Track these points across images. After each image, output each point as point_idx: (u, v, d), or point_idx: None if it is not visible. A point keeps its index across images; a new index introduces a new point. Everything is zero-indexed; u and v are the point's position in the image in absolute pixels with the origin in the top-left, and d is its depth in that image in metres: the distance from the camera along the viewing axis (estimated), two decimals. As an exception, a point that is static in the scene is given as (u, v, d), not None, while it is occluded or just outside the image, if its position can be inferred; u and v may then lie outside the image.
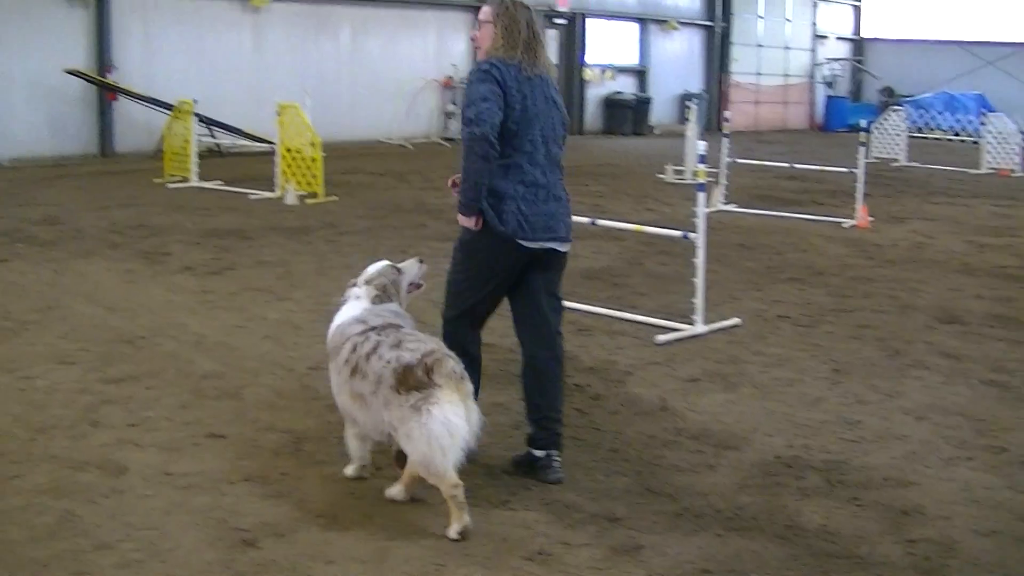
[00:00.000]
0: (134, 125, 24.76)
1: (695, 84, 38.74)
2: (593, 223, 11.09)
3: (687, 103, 29.52)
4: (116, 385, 8.02)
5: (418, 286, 6.77)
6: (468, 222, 6.30)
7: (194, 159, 20.02)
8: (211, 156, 23.53)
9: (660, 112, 36.97)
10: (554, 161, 6.38)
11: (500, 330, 9.46)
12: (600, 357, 8.93)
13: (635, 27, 37.19)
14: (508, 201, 6.21)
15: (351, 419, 6.15)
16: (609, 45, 36.16)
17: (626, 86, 36.39)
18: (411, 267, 6.72)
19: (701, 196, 9.87)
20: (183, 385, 8.03)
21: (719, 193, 17.97)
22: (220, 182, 19.70)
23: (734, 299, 11.23)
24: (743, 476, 6.57)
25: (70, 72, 23.51)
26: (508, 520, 5.85)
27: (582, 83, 34.87)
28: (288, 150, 18.38)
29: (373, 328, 6.01)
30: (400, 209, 17.03)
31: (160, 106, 23.51)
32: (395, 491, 6.01)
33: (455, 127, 30.29)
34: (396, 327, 6.05)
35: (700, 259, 9.79)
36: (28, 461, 6.51)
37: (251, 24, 26.87)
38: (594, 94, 35.47)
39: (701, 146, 10.08)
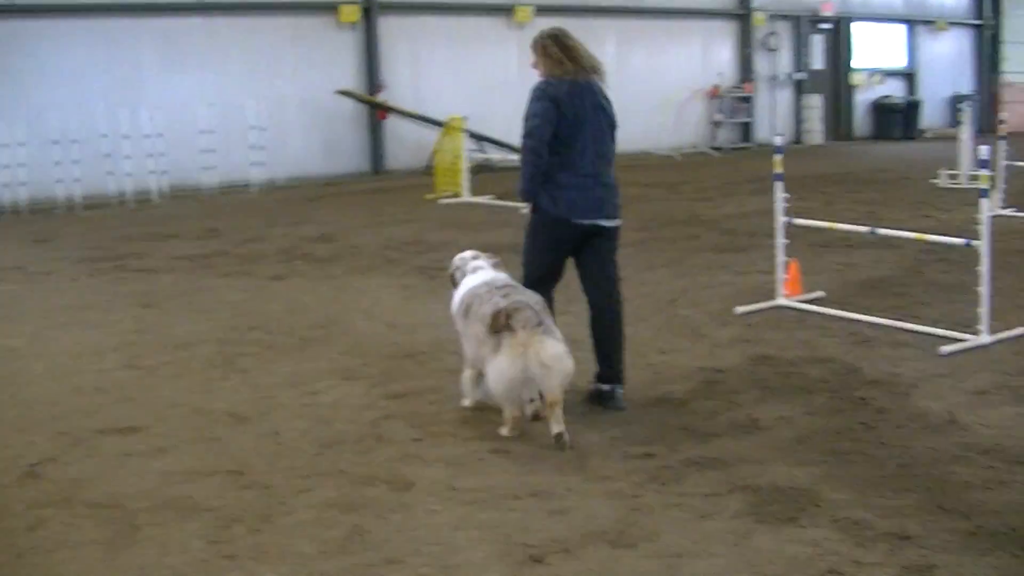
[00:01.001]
0: (404, 143, 25.18)
1: (965, 85, 37.24)
2: (872, 232, 10.65)
3: (958, 105, 28.41)
4: (399, 400, 7.96)
5: None
6: (534, 208, 7.75)
7: (465, 175, 20.13)
8: (482, 171, 23.69)
9: (930, 115, 35.69)
10: (603, 156, 7.70)
11: (780, 342, 9.17)
12: (883, 369, 8.46)
13: (902, 29, 36.02)
14: (565, 190, 7.59)
15: (471, 361, 7.45)
16: (876, 48, 35.13)
17: (895, 89, 35.27)
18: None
19: (984, 202, 9.28)
20: (459, 398, 7.89)
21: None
22: (491, 197, 19.76)
23: (1020, 308, 10.54)
24: (1042, 494, 6.09)
25: (341, 93, 24.02)
26: (796, 537, 5.53)
27: (850, 88, 33.99)
28: (558, 163, 18.24)
29: (495, 288, 7.30)
30: (673, 220, 16.74)
31: (430, 123, 23.82)
32: (504, 430, 7.16)
33: (723, 136, 30.01)
34: (512, 287, 7.36)
35: (984, 267, 9.19)
36: (316, 475, 6.50)
37: (516, 39, 26.92)
38: (862, 99, 34.52)
39: (984, 150, 9.47)
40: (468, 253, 7.99)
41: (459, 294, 7.61)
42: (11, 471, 6.67)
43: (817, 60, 33.45)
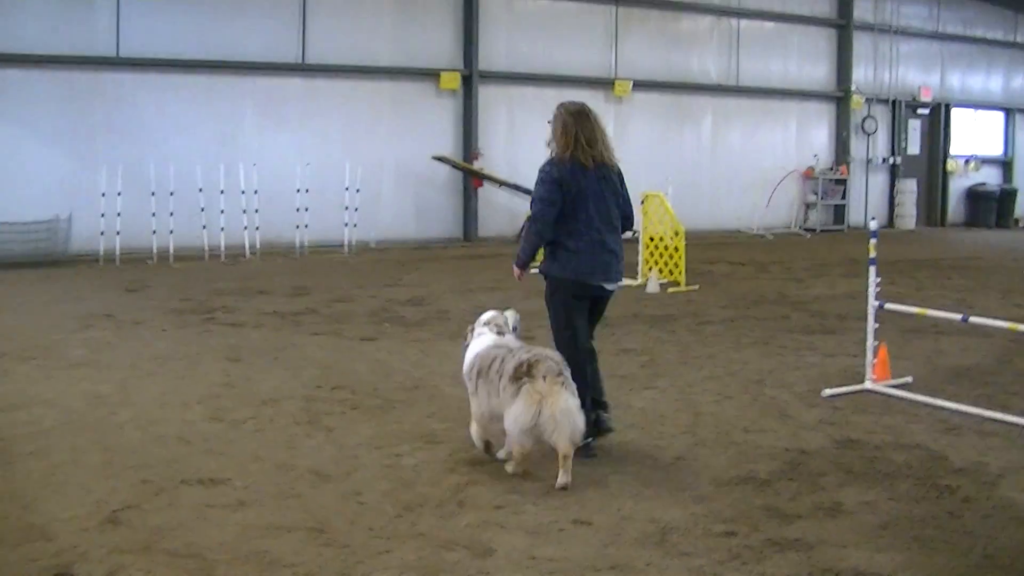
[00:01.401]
0: (497, 210, 25.36)
1: (1063, 175, 36.76)
2: (965, 320, 10.47)
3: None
4: (482, 466, 7.93)
5: (515, 329, 8.58)
6: (517, 272, 8.84)
7: (556, 245, 20.12)
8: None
9: (1026, 204, 35.27)
10: (609, 225, 8.46)
11: (866, 426, 9.05)
12: (970, 458, 8.30)
13: (1000, 116, 35.65)
14: (575, 255, 8.36)
15: (483, 418, 7.95)
16: (973, 135, 34.76)
17: (990, 177, 34.88)
18: (512, 315, 8.64)
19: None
20: (548, 469, 7.81)
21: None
22: (580, 268, 19.70)
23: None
24: None
25: (437, 159, 24.21)
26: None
27: (945, 174, 33.68)
28: (651, 239, 18.28)
29: (509, 348, 7.93)
30: (762, 300, 16.62)
31: (524, 192, 23.93)
32: (501, 453, 7.97)
33: (816, 218, 29.84)
34: (525, 347, 8.00)
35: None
36: (396, 537, 6.47)
37: (614, 113, 27.07)
38: (958, 185, 34.18)
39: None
40: (486, 316, 8.52)
41: (469, 356, 8.22)
42: (93, 516, 6.72)
43: (914, 145, 33.23)
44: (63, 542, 6.28)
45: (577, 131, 8.37)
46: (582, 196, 8.31)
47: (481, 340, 8.22)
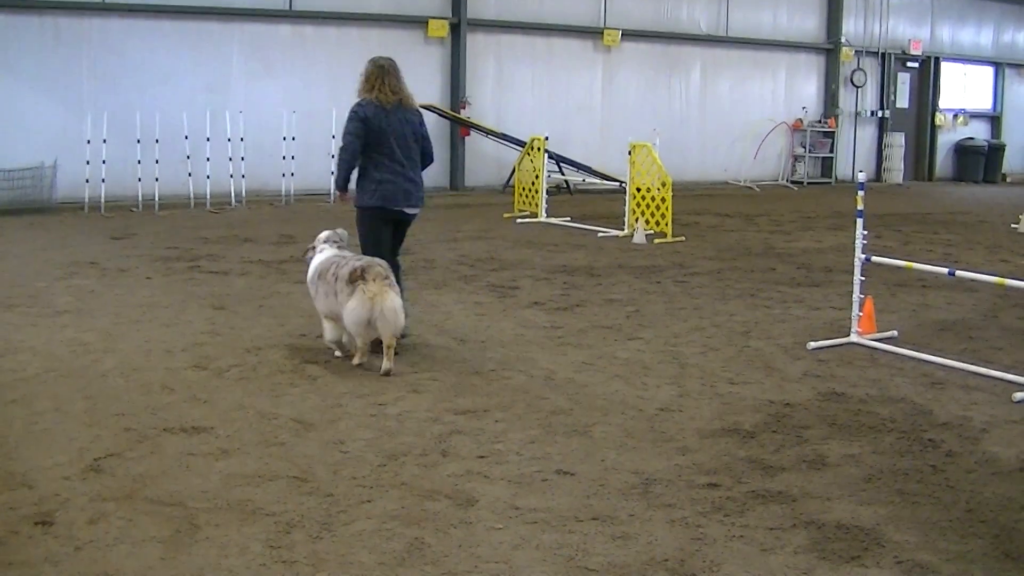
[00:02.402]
0: (485, 160, 25.28)
1: (1052, 131, 36.76)
2: (951, 274, 10.46)
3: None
4: (466, 416, 7.93)
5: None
6: (342, 196, 10.20)
7: (544, 195, 20.13)
8: (560, 193, 23.71)
9: (1013, 159, 35.20)
10: (410, 159, 9.94)
11: (851, 379, 9.07)
12: (954, 413, 8.32)
13: (990, 71, 35.57)
14: (380, 184, 9.81)
15: (327, 316, 9.35)
16: (962, 89, 34.70)
17: (979, 132, 34.81)
18: (343, 232, 10.08)
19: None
20: (532, 419, 7.87)
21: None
22: (568, 219, 19.78)
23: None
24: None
25: (425, 107, 24.04)
26: (860, 578, 5.47)
27: (934, 128, 33.62)
28: (638, 189, 18.24)
29: (345, 258, 9.38)
30: (749, 252, 16.62)
31: (511, 142, 23.88)
32: (385, 366, 9.02)
33: (804, 171, 29.82)
34: (359, 256, 9.42)
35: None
36: (379, 486, 6.48)
37: (602, 63, 27.01)
38: (946, 139, 34.12)
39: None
40: (323, 235, 9.98)
41: (313, 266, 9.69)
42: (75, 464, 6.71)
43: (903, 98, 33.17)
44: (45, 490, 6.26)
45: (382, 79, 9.90)
46: (384, 133, 9.76)
47: (323, 253, 9.68)
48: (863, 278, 10.57)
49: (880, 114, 32.40)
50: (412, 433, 7.51)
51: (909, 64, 33.04)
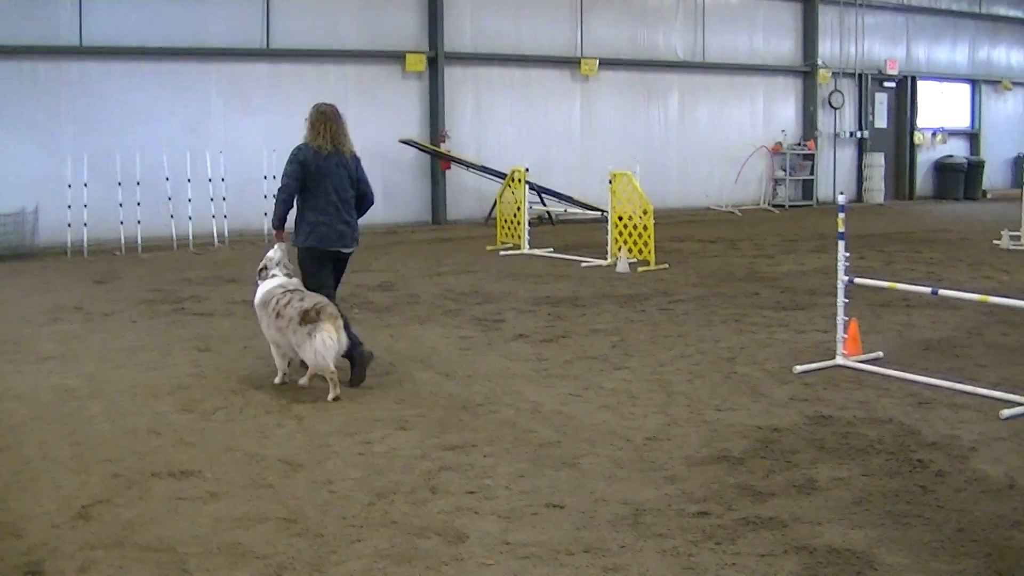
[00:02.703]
0: (466, 193, 25.35)
1: (1030, 146, 36.94)
2: (934, 293, 10.50)
3: (1022, 166, 28.12)
4: (454, 451, 7.92)
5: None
6: (277, 235, 10.40)
7: (526, 227, 20.15)
8: (542, 224, 23.75)
9: (993, 176, 35.38)
10: (345, 202, 10.41)
11: (838, 402, 9.08)
12: (942, 431, 8.33)
13: (967, 88, 35.76)
14: (313, 226, 10.27)
15: (275, 344, 10.03)
16: (940, 107, 34.88)
17: (958, 149, 34.99)
18: (284, 247, 10.43)
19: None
20: (521, 453, 7.86)
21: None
22: (551, 249, 19.80)
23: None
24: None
25: (404, 142, 24.16)
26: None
27: (913, 147, 33.78)
28: (620, 218, 18.28)
29: (288, 291, 9.93)
30: (733, 277, 16.65)
31: (492, 174, 23.94)
32: (303, 380, 9.92)
33: (785, 194, 29.92)
34: (300, 291, 9.99)
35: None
36: (369, 525, 6.46)
37: (580, 92, 27.12)
38: (925, 158, 34.30)
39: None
40: (275, 256, 10.37)
41: (260, 291, 10.22)
42: (64, 511, 6.68)
43: (881, 118, 33.32)
44: (33, 539, 6.23)
45: (325, 124, 10.34)
46: (321, 176, 10.24)
47: (272, 281, 10.19)
48: (847, 300, 10.60)
49: (859, 135, 32.53)
50: (400, 470, 7.49)
51: (886, 84, 33.22)
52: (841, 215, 10.49)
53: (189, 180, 20.74)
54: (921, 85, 34.11)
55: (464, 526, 6.44)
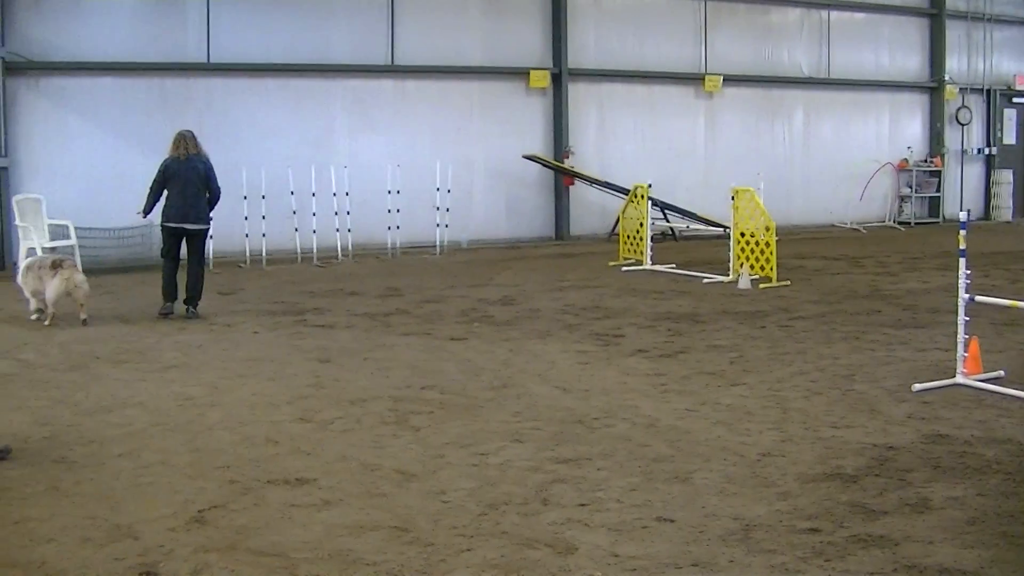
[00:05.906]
0: (589, 209, 25.34)
1: None
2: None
3: None
4: (568, 465, 7.92)
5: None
6: (143, 216, 15.14)
7: (648, 242, 20.10)
8: (665, 240, 23.69)
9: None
10: (193, 194, 14.59)
11: (956, 421, 8.90)
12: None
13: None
14: (168, 208, 14.60)
15: (32, 292, 13.99)
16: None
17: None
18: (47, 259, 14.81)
19: None
20: (634, 467, 7.84)
21: None
22: (673, 265, 19.71)
23: None
24: None
25: (528, 157, 24.21)
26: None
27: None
28: (742, 234, 18.16)
29: (44, 259, 14.27)
30: (854, 294, 16.45)
31: (615, 190, 23.92)
32: (45, 317, 14.03)
33: (910, 211, 29.48)
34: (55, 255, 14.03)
35: None
36: (479, 535, 6.49)
37: (704, 108, 26.99)
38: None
39: None
40: (49, 261, 14.13)
41: (22, 266, 14.71)
42: (180, 516, 6.81)
43: (1010, 134, 32.67)
44: (149, 541, 6.36)
45: (182, 143, 14.71)
46: (177, 177, 14.50)
47: (32, 258, 14.59)
48: (968, 318, 10.41)
49: (987, 151, 31.91)
50: (513, 482, 7.51)
51: (1015, 100, 32.53)
52: (963, 232, 10.32)
53: (314, 194, 21.01)
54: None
55: (574, 538, 6.43)
